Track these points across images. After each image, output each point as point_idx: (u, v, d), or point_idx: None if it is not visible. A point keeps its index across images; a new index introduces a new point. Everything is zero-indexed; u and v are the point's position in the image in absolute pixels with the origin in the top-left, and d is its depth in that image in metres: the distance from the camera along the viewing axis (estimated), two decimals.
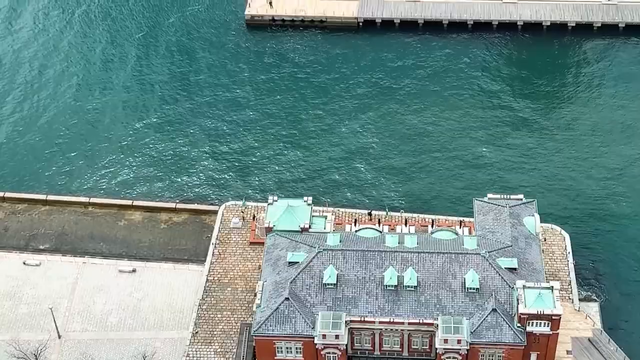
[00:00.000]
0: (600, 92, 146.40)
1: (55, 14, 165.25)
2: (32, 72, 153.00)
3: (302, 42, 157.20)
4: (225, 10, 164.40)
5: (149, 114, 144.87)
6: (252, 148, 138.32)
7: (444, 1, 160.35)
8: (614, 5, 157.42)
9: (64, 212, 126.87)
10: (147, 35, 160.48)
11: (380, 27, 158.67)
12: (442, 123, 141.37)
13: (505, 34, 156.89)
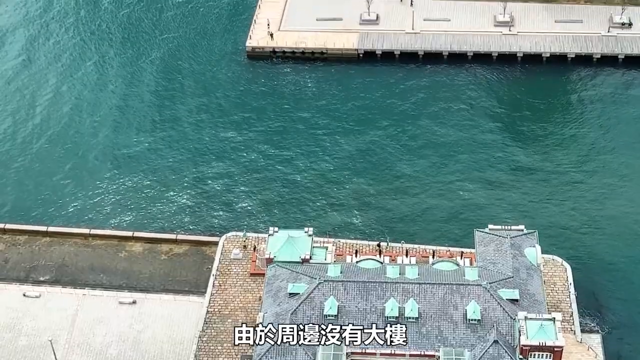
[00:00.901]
0: (600, 123, 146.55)
1: (50, 42, 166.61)
2: (26, 101, 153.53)
3: (302, 73, 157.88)
4: (227, 42, 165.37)
5: (149, 145, 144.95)
6: (252, 179, 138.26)
7: (444, 33, 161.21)
8: (614, 37, 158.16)
9: (64, 244, 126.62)
10: (146, 66, 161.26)
11: (380, 59, 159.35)
12: (441, 153, 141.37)
13: (505, 65, 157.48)
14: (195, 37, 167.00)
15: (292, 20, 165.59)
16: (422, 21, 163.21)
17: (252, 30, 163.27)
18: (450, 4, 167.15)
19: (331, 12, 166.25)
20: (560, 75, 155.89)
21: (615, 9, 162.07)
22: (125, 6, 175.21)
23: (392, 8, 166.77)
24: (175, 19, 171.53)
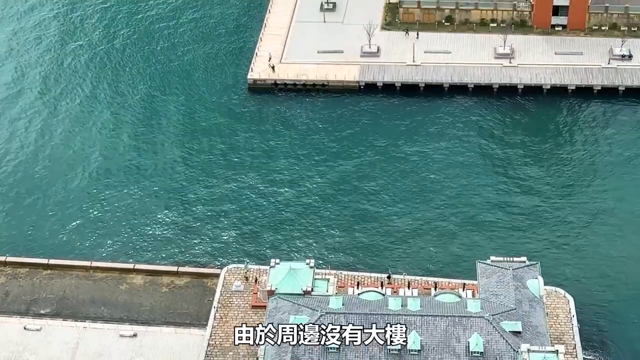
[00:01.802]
0: (600, 155, 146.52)
1: (41, 74, 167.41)
2: (27, 134, 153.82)
3: (303, 105, 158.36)
4: (228, 74, 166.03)
5: (149, 177, 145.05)
6: (254, 210, 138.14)
7: (445, 65, 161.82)
8: (614, 69, 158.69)
9: (65, 276, 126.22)
10: (145, 97, 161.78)
11: (381, 91, 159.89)
12: (443, 185, 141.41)
13: (505, 97, 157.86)
14: (196, 69, 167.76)
15: (293, 53, 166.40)
16: (422, 53, 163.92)
17: (254, 63, 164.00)
18: (450, 36, 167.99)
19: (332, 44, 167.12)
20: (561, 107, 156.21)
21: (615, 41, 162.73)
22: (123, 38, 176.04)
23: (392, 40, 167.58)
24: (176, 51, 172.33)
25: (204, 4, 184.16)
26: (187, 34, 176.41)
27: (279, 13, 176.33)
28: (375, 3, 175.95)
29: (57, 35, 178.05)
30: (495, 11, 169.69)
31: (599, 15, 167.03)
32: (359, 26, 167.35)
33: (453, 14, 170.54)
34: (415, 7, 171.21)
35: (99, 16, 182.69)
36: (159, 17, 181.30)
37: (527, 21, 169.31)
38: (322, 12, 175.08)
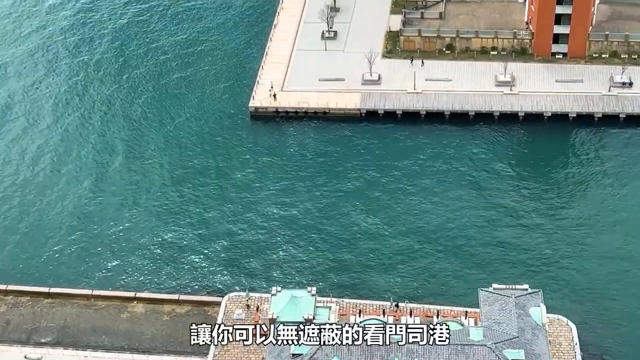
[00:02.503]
0: (602, 182, 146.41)
1: (47, 102, 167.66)
2: (28, 164, 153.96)
3: (305, 132, 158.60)
4: (230, 102, 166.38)
5: (151, 205, 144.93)
6: (254, 238, 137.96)
7: (446, 92, 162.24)
8: (614, 96, 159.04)
9: (66, 305, 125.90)
10: (147, 124, 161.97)
11: (382, 118, 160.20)
12: (444, 212, 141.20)
13: (506, 124, 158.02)
14: (197, 97, 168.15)
15: (294, 81, 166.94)
16: (423, 81, 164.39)
17: (255, 91, 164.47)
18: (451, 64, 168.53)
19: (333, 72, 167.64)
20: (562, 134, 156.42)
21: (615, 68, 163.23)
22: (124, 65, 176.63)
23: (393, 68, 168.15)
24: (177, 79, 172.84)
25: (205, 33, 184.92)
26: (188, 62, 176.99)
27: (280, 41, 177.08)
28: (376, 31, 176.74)
29: (53, 65, 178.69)
30: (496, 39, 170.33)
31: (599, 43, 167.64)
32: (360, 54, 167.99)
33: (454, 42, 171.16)
34: (416, 35, 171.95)
35: (100, 43, 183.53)
36: (160, 45, 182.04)
37: (528, 49, 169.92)
38: (323, 40, 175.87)
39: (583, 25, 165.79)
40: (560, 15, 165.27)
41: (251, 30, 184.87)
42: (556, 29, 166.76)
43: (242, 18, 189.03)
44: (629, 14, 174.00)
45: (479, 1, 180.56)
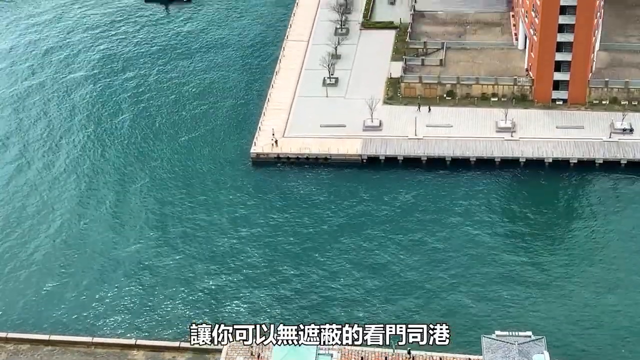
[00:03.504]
0: (603, 228, 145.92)
1: (50, 148, 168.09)
2: (26, 212, 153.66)
3: (306, 179, 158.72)
4: (232, 148, 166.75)
5: (151, 250, 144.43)
6: (256, 284, 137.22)
7: (447, 138, 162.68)
8: (615, 142, 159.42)
9: (66, 352, 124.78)
10: (149, 170, 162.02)
11: (384, 164, 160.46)
12: (445, 258, 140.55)
13: (507, 170, 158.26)
14: (200, 143, 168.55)
15: (296, 127, 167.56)
16: (424, 127, 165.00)
17: (257, 137, 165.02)
18: (452, 110, 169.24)
19: (335, 119, 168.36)
20: (563, 181, 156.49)
21: (616, 115, 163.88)
22: (127, 111, 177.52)
23: (394, 114, 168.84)
24: (181, 125, 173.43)
25: (206, 80, 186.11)
26: (190, 108, 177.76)
27: (281, 88, 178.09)
28: (377, 78, 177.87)
29: (54, 108, 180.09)
30: (496, 86, 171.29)
31: (599, 89, 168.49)
32: (361, 101, 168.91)
33: (454, 89, 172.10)
34: (416, 81, 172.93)
35: (101, 90, 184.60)
36: (161, 90, 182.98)
37: (528, 95, 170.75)
38: (325, 87, 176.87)
39: (583, 72, 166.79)
40: (560, 62, 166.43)
41: (253, 77, 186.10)
42: (556, 76, 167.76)
43: (244, 65, 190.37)
44: (628, 61, 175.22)
45: (479, 48, 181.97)
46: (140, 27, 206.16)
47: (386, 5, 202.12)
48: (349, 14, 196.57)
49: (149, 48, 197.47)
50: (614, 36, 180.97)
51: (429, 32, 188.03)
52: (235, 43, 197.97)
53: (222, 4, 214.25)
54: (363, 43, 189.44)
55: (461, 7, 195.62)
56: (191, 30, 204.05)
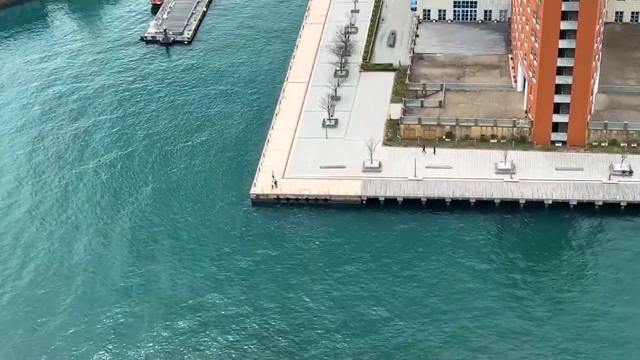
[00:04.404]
0: (604, 272, 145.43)
1: (42, 192, 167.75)
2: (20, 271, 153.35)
3: (306, 220, 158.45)
4: (231, 189, 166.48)
5: (151, 296, 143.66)
6: (257, 332, 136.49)
7: (446, 180, 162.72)
8: (615, 184, 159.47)
9: None
10: (147, 213, 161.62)
11: (383, 205, 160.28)
12: (445, 304, 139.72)
13: (507, 212, 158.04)
14: (200, 184, 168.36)
15: (296, 168, 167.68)
16: (424, 168, 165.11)
17: (257, 178, 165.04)
18: (451, 152, 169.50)
19: (334, 160, 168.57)
20: (563, 222, 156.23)
21: (615, 157, 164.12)
22: (129, 151, 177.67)
23: (394, 156, 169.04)
24: (180, 165, 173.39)
25: (206, 121, 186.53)
26: (190, 149, 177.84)
27: (281, 129, 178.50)
28: (377, 119, 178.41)
29: (48, 144, 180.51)
30: (496, 127, 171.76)
31: (598, 131, 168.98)
32: (360, 142, 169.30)
33: (453, 130, 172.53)
34: (416, 123, 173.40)
35: (97, 129, 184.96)
36: (162, 132, 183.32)
37: (527, 137, 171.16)
38: (324, 128, 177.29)
39: (582, 114, 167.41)
40: (559, 105, 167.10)
41: (253, 118, 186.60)
42: (555, 118, 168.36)
43: (244, 106, 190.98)
44: (627, 104, 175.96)
45: (478, 90, 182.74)
46: (140, 68, 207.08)
47: (385, 47, 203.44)
48: (349, 56, 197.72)
49: (148, 89, 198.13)
50: (612, 79, 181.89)
51: (428, 74, 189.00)
52: (235, 85, 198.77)
53: (222, 47, 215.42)
54: (363, 85, 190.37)
55: (460, 49, 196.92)
56: (191, 72, 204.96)
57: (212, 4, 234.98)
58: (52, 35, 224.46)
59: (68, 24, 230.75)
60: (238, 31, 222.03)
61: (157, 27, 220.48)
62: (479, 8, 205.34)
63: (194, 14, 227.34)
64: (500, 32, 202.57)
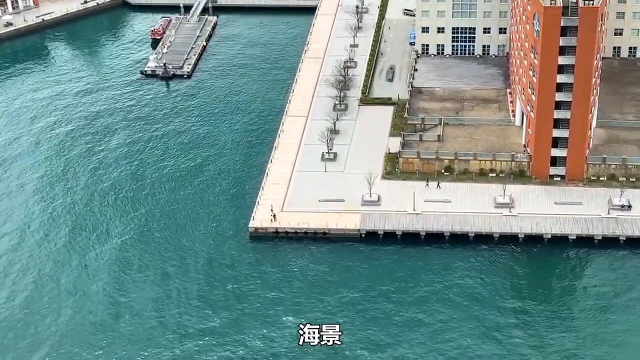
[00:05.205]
0: (603, 306, 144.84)
1: (40, 230, 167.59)
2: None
3: (305, 253, 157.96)
4: (229, 223, 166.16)
5: (151, 336, 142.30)
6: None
7: (445, 213, 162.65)
8: (614, 218, 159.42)
9: None
10: (145, 247, 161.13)
11: (382, 239, 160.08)
12: (445, 340, 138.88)
13: (506, 246, 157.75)
14: (197, 218, 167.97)
15: (295, 201, 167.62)
16: (423, 202, 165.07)
17: (256, 211, 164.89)
18: (450, 186, 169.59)
19: (333, 193, 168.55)
20: (562, 257, 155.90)
21: (614, 191, 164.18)
22: (123, 186, 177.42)
23: (393, 189, 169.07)
24: (178, 198, 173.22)
25: (205, 153, 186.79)
26: (189, 182, 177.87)
27: (280, 162, 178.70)
28: (376, 153, 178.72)
29: (48, 179, 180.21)
30: (494, 161, 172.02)
31: (596, 166, 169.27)
32: (359, 175, 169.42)
33: (452, 164, 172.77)
34: (415, 157, 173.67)
35: (96, 164, 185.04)
36: (160, 167, 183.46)
37: (526, 171, 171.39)
38: (323, 162, 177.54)
39: (580, 148, 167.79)
40: (558, 139, 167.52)
41: (252, 151, 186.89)
42: (553, 152, 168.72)
43: (243, 139, 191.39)
44: (625, 138, 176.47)
45: (476, 124, 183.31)
46: (139, 102, 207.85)
47: (384, 81, 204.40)
48: (348, 90, 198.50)
49: (148, 123, 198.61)
50: (610, 113, 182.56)
51: (427, 108, 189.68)
52: (234, 118, 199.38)
53: (221, 80, 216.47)
54: (361, 119, 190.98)
55: (458, 83, 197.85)
56: (190, 106, 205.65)
57: (212, 38, 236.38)
58: (52, 68, 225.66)
59: (68, 57, 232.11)
60: (238, 65, 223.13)
61: (157, 61, 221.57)
62: (477, 43, 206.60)
63: (194, 48, 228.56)
64: (498, 66, 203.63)
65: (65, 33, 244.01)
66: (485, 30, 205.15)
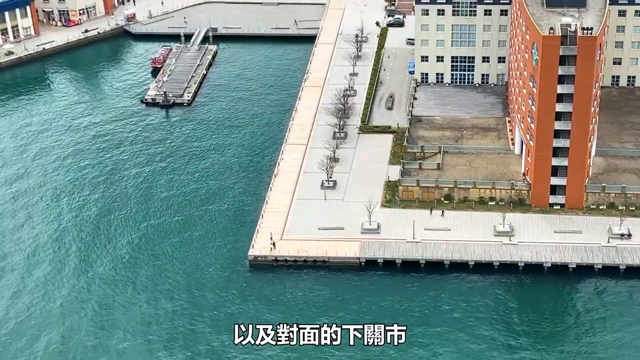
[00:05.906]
0: (604, 336, 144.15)
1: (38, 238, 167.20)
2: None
3: (304, 281, 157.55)
4: (228, 251, 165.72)
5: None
6: None
7: (445, 242, 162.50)
8: (614, 247, 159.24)
9: None
10: (144, 276, 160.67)
11: (382, 267, 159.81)
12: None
13: (506, 275, 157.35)
14: (196, 247, 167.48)
15: (294, 230, 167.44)
16: (422, 230, 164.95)
17: (255, 240, 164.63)
18: (450, 214, 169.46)
19: (333, 221, 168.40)
20: (562, 285, 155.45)
21: (613, 220, 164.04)
22: (119, 215, 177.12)
23: (392, 218, 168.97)
24: (176, 226, 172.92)
25: (204, 181, 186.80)
26: (187, 210, 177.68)
27: (280, 190, 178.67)
28: (375, 181, 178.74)
29: (41, 210, 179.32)
30: (494, 190, 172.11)
31: (596, 194, 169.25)
32: (359, 203, 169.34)
33: (452, 192, 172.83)
34: (414, 185, 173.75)
35: (93, 193, 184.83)
36: (158, 194, 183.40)
37: (526, 199, 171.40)
38: (323, 190, 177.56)
39: (579, 177, 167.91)
40: (557, 167, 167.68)
41: (251, 180, 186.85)
42: (553, 181, 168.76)
43: (242, 167, 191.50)
44: (624, 167, 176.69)
45: (476, 152, 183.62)
46: (139, 130, 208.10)
47: (384, 110, 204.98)
48: (347, 118, 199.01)
49: (147, 151, 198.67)
50: (610, 142, 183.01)
51: (426, 136, 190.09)
52: (234, 146, 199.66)
53: (221, 108, 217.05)
54: (361, 147, 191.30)
55: (458, 112, 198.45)
56: (190, 134, 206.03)
57: (212, 67, 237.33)
58: (52, 97, 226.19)
59: (68, 86, 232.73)
60: (237, 93, 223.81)
61: (157, 90, 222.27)
62: (476, 71, 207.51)
63: (194, 76, 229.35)
64: (497, 95, 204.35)
65: (66, 61, 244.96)
66: (484, 59, 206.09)
